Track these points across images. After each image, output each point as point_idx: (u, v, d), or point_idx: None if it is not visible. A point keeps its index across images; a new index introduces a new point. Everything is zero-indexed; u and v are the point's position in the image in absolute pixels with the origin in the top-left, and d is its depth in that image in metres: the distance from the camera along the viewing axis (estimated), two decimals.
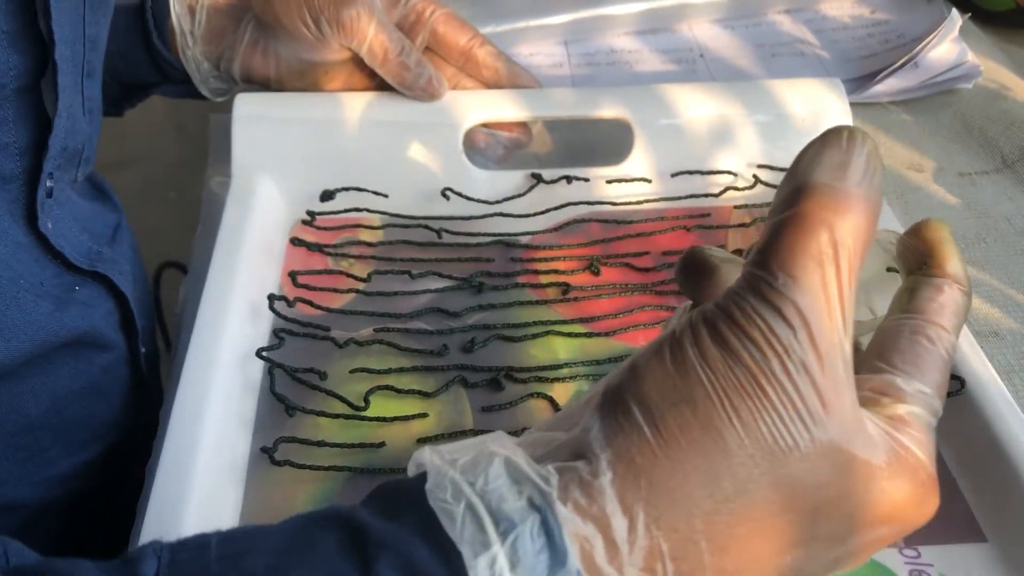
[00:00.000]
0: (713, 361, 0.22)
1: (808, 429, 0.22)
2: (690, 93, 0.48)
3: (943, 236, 0.28)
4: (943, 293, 0.27)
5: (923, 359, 0.26)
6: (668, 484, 0.22)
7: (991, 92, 0.57)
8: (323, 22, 0.45)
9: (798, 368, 0.22)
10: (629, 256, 0.44)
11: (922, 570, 0.32)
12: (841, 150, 0.23)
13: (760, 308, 0.22)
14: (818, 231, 0.22)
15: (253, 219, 0.44)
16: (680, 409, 0.22)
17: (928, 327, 0.26)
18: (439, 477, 0.23)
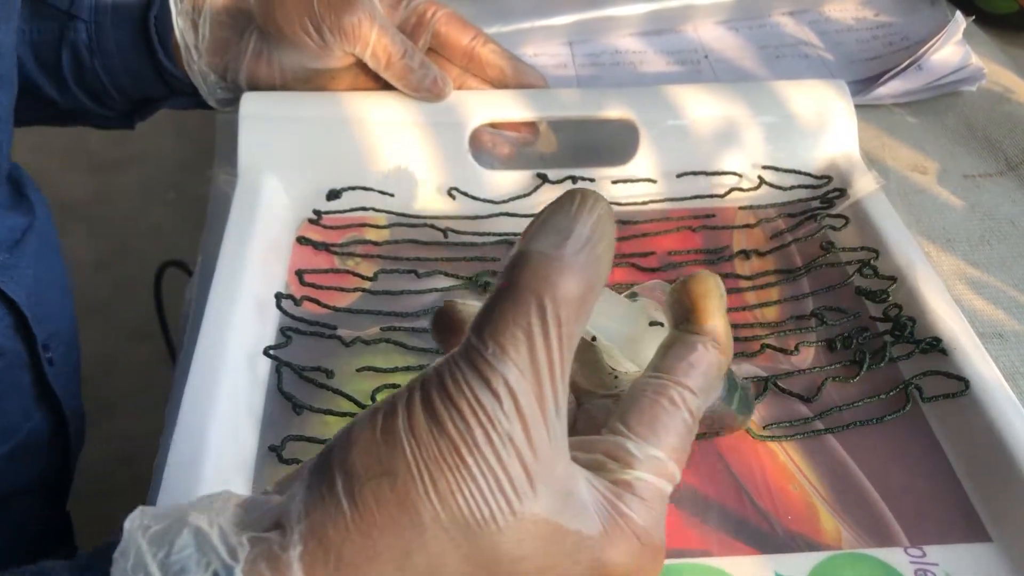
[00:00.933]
0: (419, 431, 0.22)
1: (509, 502, 0.22)
2: (695, 94, 0.49)
3: (705, 290, 0.27)
4: (695, 352, 0.26)
5: (661, 422, 0.25)
6: (357, 561, 0.21)
7: (995, 95, 0.57)
8: (325, 30, 0.45)
9: (503, 440, 0.22)
10: (635, 256, 0.45)
11: (927, 569, 0.32)
12: (567, 216, 0.23)
13: (469, 378, 0.22)
14: (527, 302, 0.22)
15: (259, 218, 0.44)
16: (380, 482, 0.22)
17: (672, 388, 0.26)
18: (127, 543, 0.22)
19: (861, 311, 0.41)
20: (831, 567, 0.32)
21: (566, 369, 0.23)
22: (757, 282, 0.43)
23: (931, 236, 0.47)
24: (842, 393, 0.38)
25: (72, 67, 0.50)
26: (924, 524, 0.33)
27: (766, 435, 0.36)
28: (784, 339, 0.40)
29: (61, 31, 0.49)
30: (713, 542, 0.33)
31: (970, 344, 0.37)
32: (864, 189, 0.46)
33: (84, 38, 0.49)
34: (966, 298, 0.44)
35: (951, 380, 0.37)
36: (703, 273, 0.28)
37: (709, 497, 0.34)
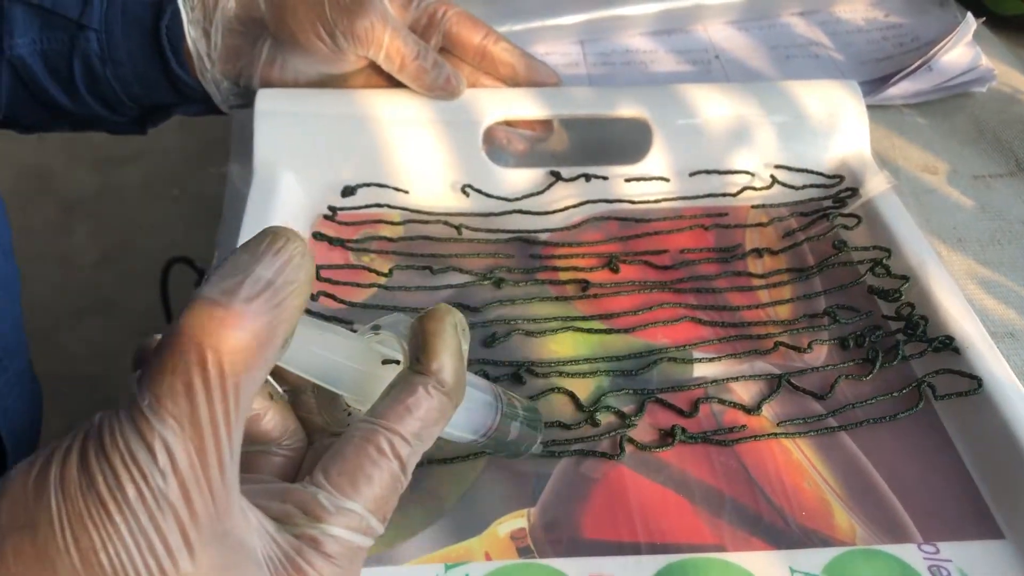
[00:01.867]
0: (69, 484, 0.20)
1: (160, 563, 0.21)
2: (708, 93, 0.49)
3: (437, 328, 0.26)
4: (414, 395, 0.25)
5: (363, 472, 0.24)
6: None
7: (1005, 96, 0.57)
8: (338, 35, 0.45)
9: (157, 499, 0.20)
10: (648, 254, 0.45)
11: (941, 565, 0.32)
12: (250, 257, 0.22)
13: (126, 431, 0.21)
14: (187, 352, 0.21)
15: (275, 214, 0.44)
16: (22, 535, 0.20)
17: (381, 435, 0.25)
18: None
19: (873, 310, 0.42)
20: (845, 563, 0.32)
21: (234, 422, 0.21)
22: (770, 280, 0.43)
23: (942, 236, 0.48)
24: (855, 391, 0.38)
25: (84, 76, 0.50)
26: (937, 521, 0.34)
27: (780, 431, 0.37)
28: (797, 337, 0.41)
29: (72, 41, 0.49)
30: (728, 538, 0.33)
31: (982, 343, 0.38)
32: (876, 189, 0.46)
33: (95, 48, 0.49)
34: (977, 298, 0.44)
35: (964, 378, 0.37)
36: (440, 308, 0.27)
37: (724, 494, 0.35)
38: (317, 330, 0.26)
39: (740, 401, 0.38)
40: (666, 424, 0.37)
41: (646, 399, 0.38)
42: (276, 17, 0.46)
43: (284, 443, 0.28)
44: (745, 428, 0.37)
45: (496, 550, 0.32)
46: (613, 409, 0.37)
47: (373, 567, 0.32)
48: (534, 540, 0.33)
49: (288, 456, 0.28)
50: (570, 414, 0.37)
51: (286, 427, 0.28)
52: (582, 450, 0.36)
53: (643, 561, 0.32)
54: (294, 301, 0.22)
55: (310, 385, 0.28)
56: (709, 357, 0.40)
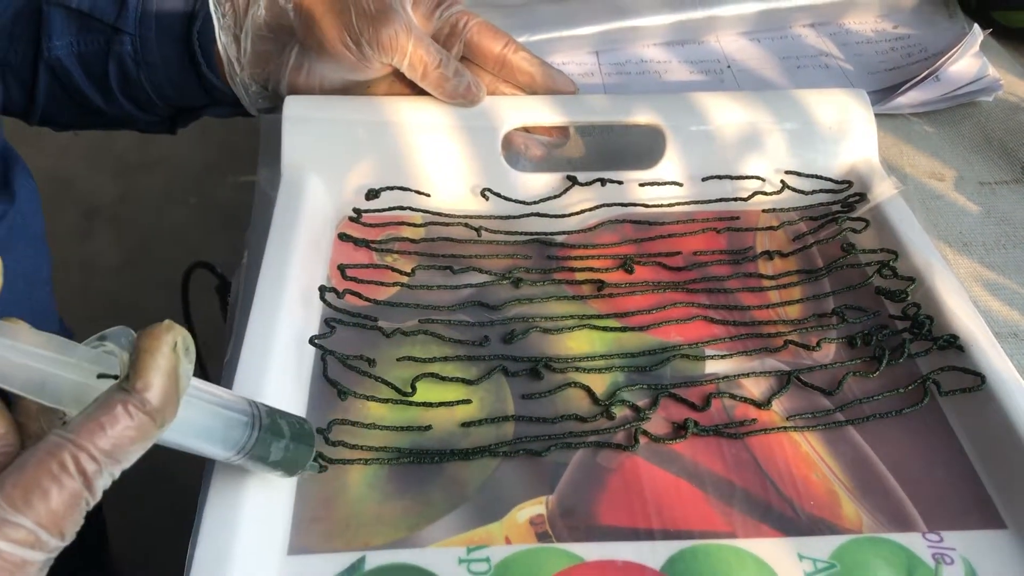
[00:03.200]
0: None
1: None
2: (721, 101, 0.50)
3: (151, 345, 0.25)
4: (111, 413, 0.25)
5: (40, 486, 0.24)
6: None
7: (1011, 105, 0.59)
8: (364, 43, 0.47)
9: None
10: (661, 256, 0.46)
11: (944, 553, 0.33)
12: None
13: None
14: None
15: (302, 215, 0.46)
16: None
17: (67, 450, 0.24)
18: None
19: (881, 310, 0.43)
20: (852, 549, 0.34)
21: None
22: (780, 281, 0.45)
23: (948, 240, 0.49)
24: (862, 387, 0.39)
25: (118, 78, 0.52)
26: (941, 511, 0.35)
27: (789, 425, 0.38)
28: (806, 335, 0.42)
29: (107, 44, 0.52)
30: (738, 525, 0.34)
31: (986, 341, 0.39)
32: (884, 193, 0.47)
33: (129, 50, 0.52)
34: (982, 299, 0.45)
35: (968, 375, 0.38)
36: (161, 325, 0.26)
37: (735, 484, 0.36)
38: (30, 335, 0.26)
39: (751, 396, 0.39)
40: (679, 417, 0.38)
41: (660, 394, 0.39)
42: (304, 25, 0.48)
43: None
44: (755, 422, 0.38)
45: (516, 534, 0.34)
46: (628, 403, 0.39)
47: (398, 549, 0.33)
48: (552, 525, 0.34)
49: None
50: (587, 408, 0.39)
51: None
52: (598, 442, 0.37)
53: (657, 546, 0.33)
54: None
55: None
56: (721, 354, 0.41)
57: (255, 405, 0.31)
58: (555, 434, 0.37)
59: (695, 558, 0.33)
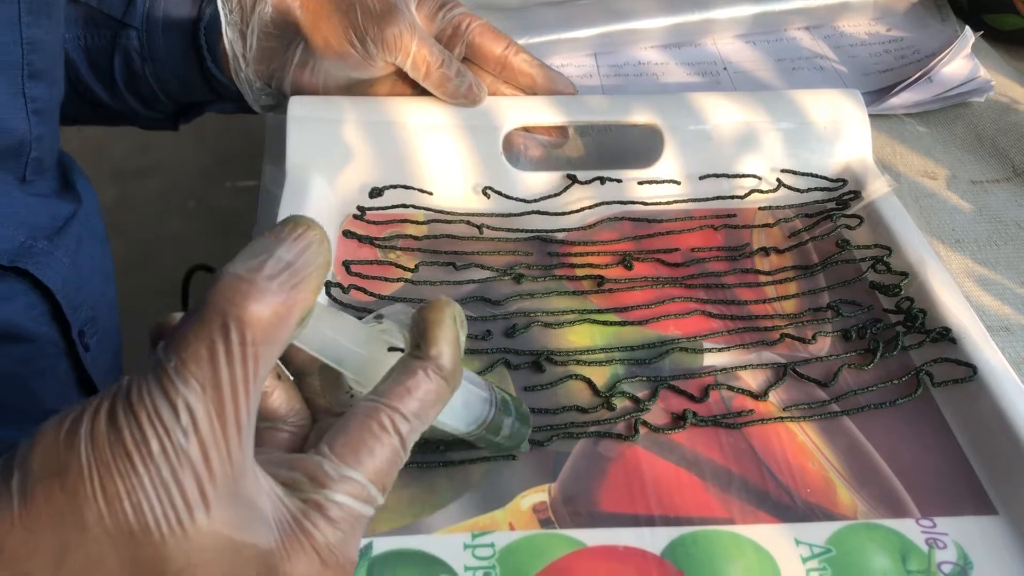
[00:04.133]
0: (98, 435, 0.22)
1: (178, 515, 0.22)
2: (717, 101, 0.51)
3: (438, 319, 0.28)
4: (414, 377, 0.27)
5: (366, 445, 0.26)
6: (18, 553, 0.22)
7: (1002, 106, 0.60)
8: (368, 41, 0.48)
9: (177, 453, 0.22)
10: (660, 252, 0.47)
11: (937, 538, 0.34)
12: (273, 240, 0.24)
13: (152, 389, 0.22)
14: (212, 320, 0.22)
15: (307, 213, 0.46)
16: (52, 481, 0.22)
17: (383, 411, 0.26)
18: None
19: (874, 304, 0.44)
20: (848, 535, 0.34)
21: (252, 389, 0.23)
22: (776, 277, 0.46)
23: (941, 237, 0.50)
24: (857, 379, 0.40)
25: (124, 72, 0.53)
26: (934, 498, 0.36)
27: (785, 416, 0.39)
28: (802, 329, 0.43)
29: (114, 38, 0.52)
30: (736, 512, 0.35)
31: (977, 333, 0.40)
32: (877, 191, 0.48)
33: (136, 45, 0.52)
34: (974, 294, 0.46)
35: (960, 367, 0.39)
36: (441, 300, 0.28)
37: (732, 472, 0.37)
38: (330, 315, 0.28)
39: (748, 388, 0.40)
40: (678, 408, 0.39)
41: (659, 385, 0.40)
42: (310, 22, 0.49)
43: (289, 420, 0.29)
44: (753, 412, 0.39)
45: (519, 521, 0.35)
46: (628, 395, 0.39)
47: (405, 535, 0.34)
48: (555, 512, 0.35)
49: (293, 433, 0.29)
50: (587, 399, 0.40)
51: (291, 406, 0.29)
52: (599, 432, 0.38)
53: (657, 532, 0.34)
54: (312, 283, 0.24)
55: (315, 368, 0.30)
56: (719, 347, 0.42)
57: (490, 385, 0.33)
58: (557, 424, 0.38)
59: (695, 543, 0.34)
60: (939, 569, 0.33)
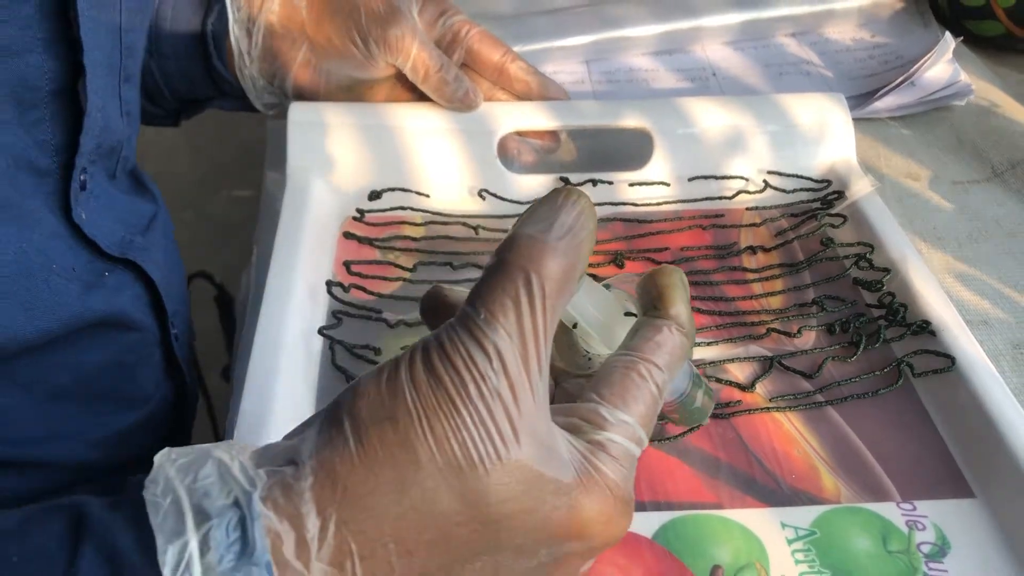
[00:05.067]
0: (419, 384, 0.25)
1: (496, 449, 0.25)
2: (706, 105, 0.53)
3: (672, 282, 0.31)
4: (661, 333, 0.30)
5: (631, 392, 0.28)
6: (361, 490, 0.25)
7: (982, 109, 0.61)
8: (371, 42, 0.50)
9: (492, 394, 0.25)
10: (650, 252, 0.49)
11: (917, 520, 0.36)
12: (553, 208, 0.27)
13: (464, 339, 0.25)
14: (515, 275, 0.25)
15: (308, 215, 0.48)
16: (383, 425, 0.25)
17: (641, 363, 0.29)
18: (157, 472, 0.26)
19: (858, 299, 0.45)
20: (832, 518, 0.36)
21: (549, 337, 0.26)
22: (763, 274, 0.47)
23: (923, 235, 0.51)
24: (841, 371, 0.42)
25: None
26: (915, 482, 0.37)
27: (772, 406, 0.40)
28: (788, 324, 0.44)
29: None
30: (724, 496, 0.37)
31: (956, 326, 0.41)
32: (861, 191, 0.50)
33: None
34: (955, 290, 0.48)
35: (939, 358, 0.41)
36: (668, 266, 0.31)
37: (720, 459, 0.38)
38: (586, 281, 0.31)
39: (736, 380, 0.41)
40: None
41: None
42: (314, 22, 0.51)
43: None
44: (740, 403, 0.40)
45: None
46: None
47: None
48: None
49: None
50: None
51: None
52: None
53: (649, 516, 0.36)
54: (587, 245, 0.27)
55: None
56: (707, 341, 0.43)
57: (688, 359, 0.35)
58: None
59: (684, 526, 0.35)
60: (918, 549, 0.35)
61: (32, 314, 0.37)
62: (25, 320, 0.37)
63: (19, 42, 0.34)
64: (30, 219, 0.37)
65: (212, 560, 0.24)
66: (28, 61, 0.35)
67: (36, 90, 0.36)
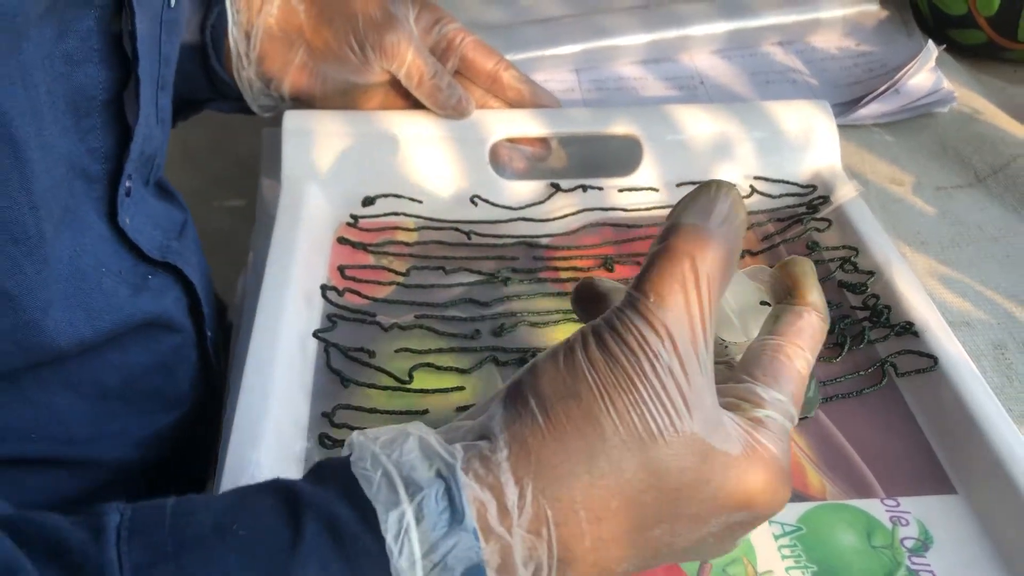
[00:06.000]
0: (596, 363, 0.27)
1: (672, 421, 0.27)
2: (694, 112, 0.54)
3: (805, 271, 0.32)
4: (802, 319, 0.31)
5: (781, 373, 0.30)
6: (553, 461, 0.27)
7: (965, 116, 0.63)
8: (367, 47, 0.51)
9: (665, 371, 0.27)
10: (640, 255, 0.49)
11: (901, 516, 0.37)
12: (708, 198, 0.28)
13: (635, 321, 0.27)
14: (681, 261, 0.27)
15: (303, 221, 0.49)
16: (567, 402, 0.27)
17: (787, 346, 0.30)
18: (361, 451, 0.27)
19: (843, 301, 0.46)
20: (817, 514, 0.37)
21: (713, 319, 0.28)
22: None
23: (907, 239, 0.52)
24: (826, 371, 0.43)
25: None
26: (898, 479, 0.38)
27: None
28: None
29: None
30: None
31: (938, 327, 0.42)
32: (846, 196, 0.51)
33: None
34: (937, 292, 0.49)
35: (922, 358, 0.41)
36: (798, 257, 0.33)
37: None
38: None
39: None
40: None
41: None
42: (313, 26, 0.52)
43: None
44: None
45: None
46: None
47: None
48: None
49: None
50: None
51: None
52: None
53: None
54: (742, 232, 0.29)
55: None
56: None
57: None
58: None
59: None
60: (902, 544, 0.35)
61: (91, 315, 0.39)
62: (85, 321, 0.38)
63: (80, 52, 0.36)
64: (82, 223, 0.39)
65: (427, 527, 0.26)
66: (86, 71, 0.37)
67: (91, 99, 0.38)
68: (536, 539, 0.26)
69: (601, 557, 0.27)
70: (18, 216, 0.34)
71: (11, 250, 0.34)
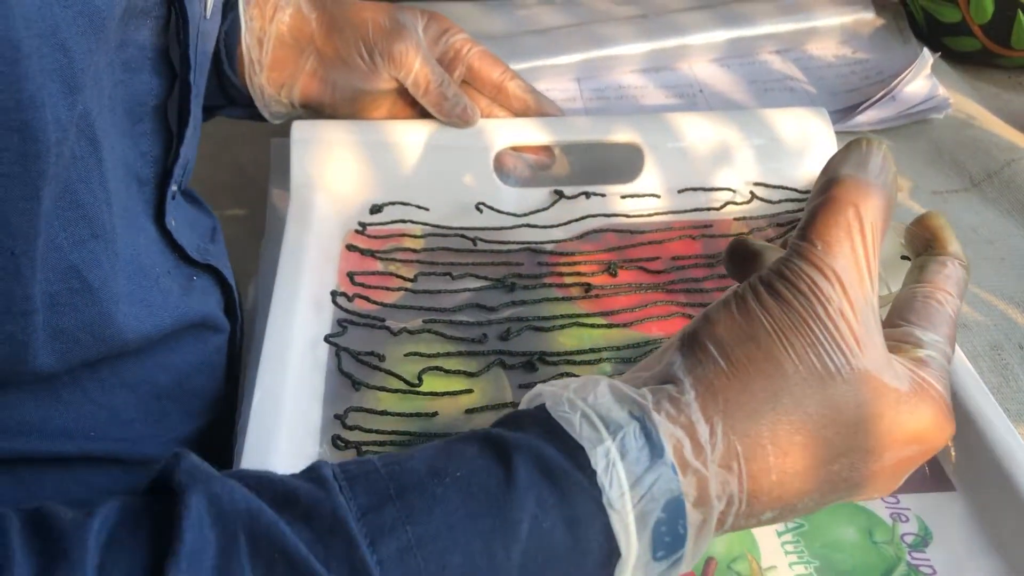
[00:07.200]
0: (771, 308, 0.29)
1: (847, 360, 0.28)
2: (694, 120, 0.55)
3: (942, 223, 0.35)
4: (947, 267, 0.33)
5: (935, 317, 0.32)
6: (739, 399, 0.28)
7: (960, 121, 0.64)
8: (376, 55, 0.52)
9: (837, 313, 0.28)
10: (642, 260, 0.50)
11: (901, 513, 0.37)
12: (861, 152, 0.31)
13: (805, 268, 0.29)
14: (846, 209, 0.29)
15: (311, 229, 0.50)
16: (746, 344, 0.29)
17: (937, 292, 0.32)
18: (556, 398, 0.29)
19: None
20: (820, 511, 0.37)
21: (876, 264, 0.29)
22: None
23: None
24: None
25: None
26: None
27: None
28: None
29: None
30: None
31: None
32: None
33: None
34: None
35: None
36: (935, 211, 0.35)
37: None
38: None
39: None
40: None
41: None
42: (324, 34, 0.53)
43: None
44: None
45: None
46: None
47: None
48: None
49: None
50: None
51: None
52: None
53: None
54: (895, 182, 0.31)
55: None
56: None
57: None
58: None
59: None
60: (902, 540, 0.36)
61: (152, 311, 0.40)
62: (148, 317, 0.40)
63: (136, 60, 0.38)
64: (135, 224, 0.40)
65: (630, 461, 0.27)
66: (141, 79, 0.38)
67: (143, 105, 0.39)
68: (727, 473, 0.28)
69: (785, 491, 0.29)
70: (98, 212, 0.35)
71: (92, 244, 0.35)
